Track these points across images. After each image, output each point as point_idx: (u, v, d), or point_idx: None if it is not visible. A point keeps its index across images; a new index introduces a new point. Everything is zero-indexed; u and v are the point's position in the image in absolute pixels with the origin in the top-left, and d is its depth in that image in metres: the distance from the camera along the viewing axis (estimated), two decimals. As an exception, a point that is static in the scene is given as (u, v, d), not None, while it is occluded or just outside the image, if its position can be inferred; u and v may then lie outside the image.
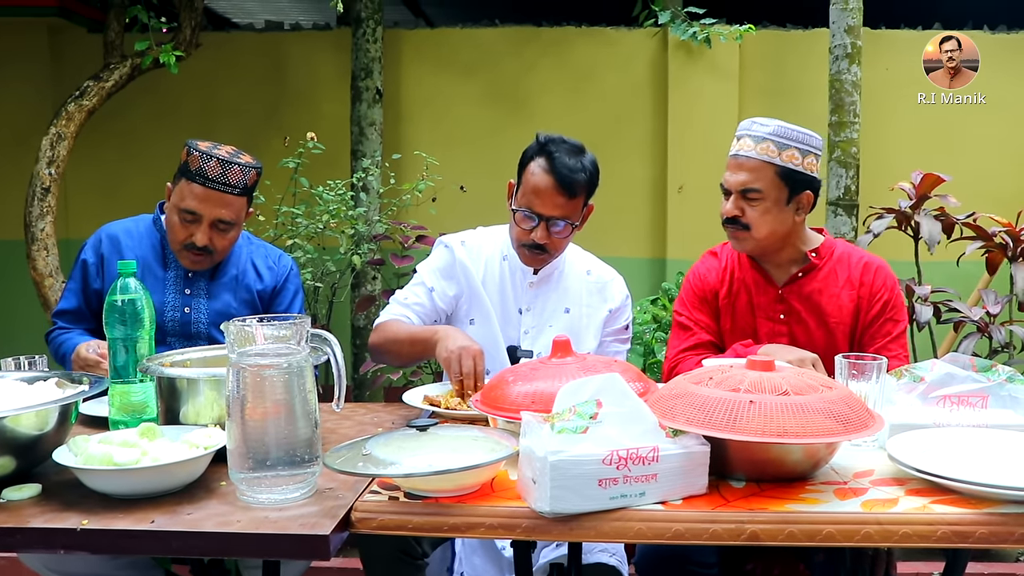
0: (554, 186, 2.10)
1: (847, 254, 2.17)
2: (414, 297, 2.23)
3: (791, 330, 2.13)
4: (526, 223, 2.14)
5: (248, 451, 1.33)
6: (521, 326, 2.25)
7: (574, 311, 2.26)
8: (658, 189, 4.60)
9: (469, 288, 2.24)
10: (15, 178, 4.21)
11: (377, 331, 2.19)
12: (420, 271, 2.29)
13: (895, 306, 2.12)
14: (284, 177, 3.73)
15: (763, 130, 2.05)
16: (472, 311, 2.24)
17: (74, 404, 1.50)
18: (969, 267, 3.45)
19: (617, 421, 1.30)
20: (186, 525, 1.27)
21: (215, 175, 2.14)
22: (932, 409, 1.57)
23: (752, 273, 2.18)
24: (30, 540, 1.29)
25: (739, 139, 2.10)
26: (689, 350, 2.17)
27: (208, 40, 4.24)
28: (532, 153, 2.16)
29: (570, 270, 2.29)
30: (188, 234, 2.19)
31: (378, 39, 4.28)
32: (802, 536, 1.26)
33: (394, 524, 1.31)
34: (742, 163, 2.07)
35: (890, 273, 2.15)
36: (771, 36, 4.56)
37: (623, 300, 2.31)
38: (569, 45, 4.61)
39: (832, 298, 2.11)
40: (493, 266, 2.27)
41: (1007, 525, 1.26)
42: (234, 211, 2.20)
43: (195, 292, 2.28)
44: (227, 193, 2.17)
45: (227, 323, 1.36)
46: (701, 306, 2.20)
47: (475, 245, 2.29)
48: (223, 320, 2.19)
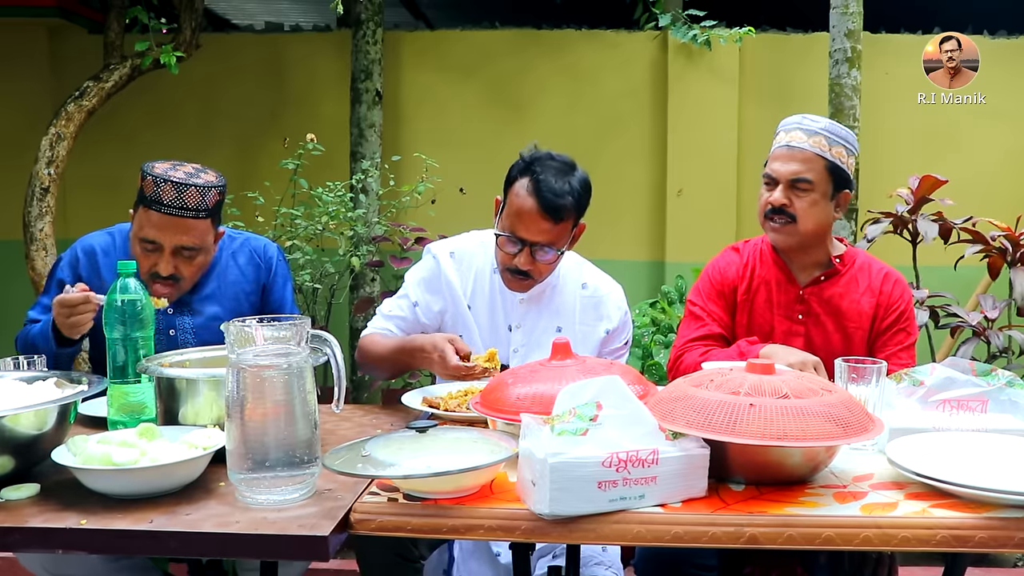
0: (538, 211, 1.99)
1: (868, 263, 2.19)
2: (397, 311, 2.18)
3: (808, 331, 2.14)
4: (509, 247, 2.05)
5: (247, 452, 1.33)
6: (511, 344, 2.17)
7: (567, 330, 2.15)
8: (657, 192, 4.60)
9: (453, 304, 2.16)
10: (14, 178, 4.20)
11: (360, 347, 2.16)
12: (407, 281, 2.22)
13: (909, 318, 2.15)
14: (283, 178, 3.73)
15: (815, 125, 2.09)
16: (459, 327, 2.16)
17: (73, 404, 1.50)
18: (967, 272, 3.45)
19: (617, 423, 1.30)
20: (185, 525, 1.27)
21: (170, 200, 2.01)
22: (932, 413, 1.57)
23: (775, 271, 2.18)
24: (29, 539, 1.29)
25: (788, 132, 2.11)
26: (698, 340, 2.16)
27: (208, 41, 4.25)
28: (517, 172, 2.05)
29: (564, 285, 2.19)
30: (151, 264, 2.07)
31: (378, 41, 4.28)
32: (801, 539, 1.26)
33: (393, 525, 1.30)
34: (795, 154, 2.08)
35: (907, 287, 2.19)
36: (771, 40, 4.57)
37: (622, 318, 2.20)
38: (569, 47, 4.61)
39: (852, 303, 2.14)
40: (483, 279, 2.18)
41: (1007, 529, 1.26)
42: (196, 236, 2.07)
43: (178, 311, 2.17)
44: (186, 218, 2.03)
45: (227, 324, 1.36)
46: (717, 299, 2.20)
47: (466, 255, 2.19)
48: (211, 336, 2.10)
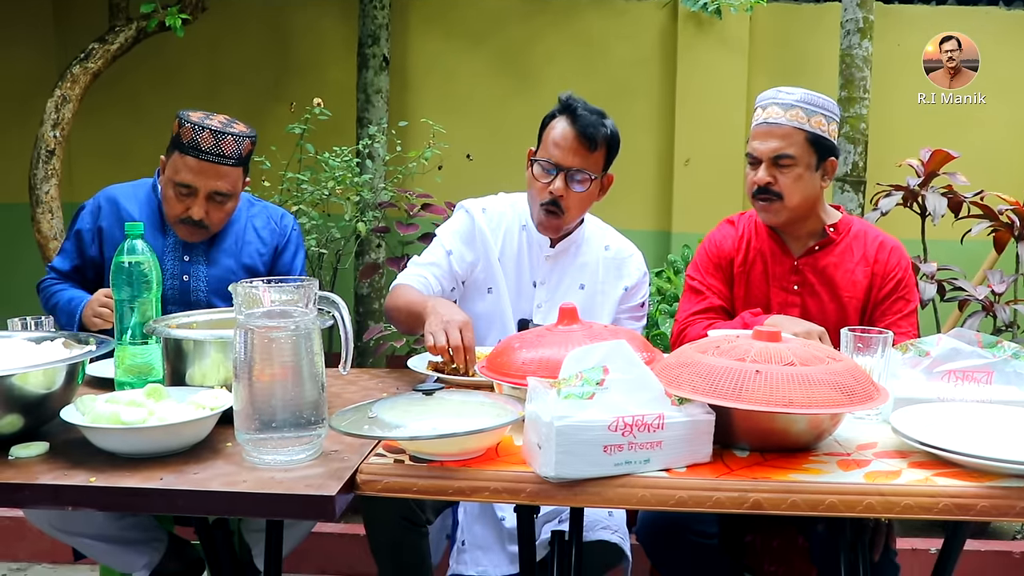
0: (575, 136, 2.10)
1: (863, 231, 2.19)
2: (431, 257, 2.21)
3: (803, 302, 2.15)
4: (544, 175, 2.13)
5: (255, 413, 1.34)
6: (535, 299, 2.23)
7: (589, 287, 2.24)
8: (665, 162, 4.57)
9: (486, 258, 2.22)
10: (20, 141, 4.19)
11: (390, 294, 2.16)
12: (440, 233, 2.27)
13: (907, 285, 2.14)
14: (290, 143, 3.71)
15: (790, 98, 2.07)
16: (489, 280, 2.23)
17: (81, 364, 1.51)
18: (974, 246, 3.44)
19: (623, 388, 1.30)
20: (193, 484, 1.28)
21: (208, 147, 2.11)
22: (937, 384, 1.58)
23: (769, 243, 2.18)
24: (39, 496, 1.30)
25: (764, 108, 2.10)
26: (699, 313, 2.18)
27: (214, 4, 4.20)
28: (555, 111, 2.16)
29: (588, 245, 2.27)
30: (184, 208, 2.17)
31: (385, 6, 4.23)
32: (805, 506, 1.27)
33: (399, 487, 1.32)
34: (772, 130, 2.07)
35: (904, 254, 2.18)
36: (782, 9, 4.51)
37: (640, 277, 2.29)
38: (578, 15, 4.56)
39: (847, 273, 2.13)
40: (512, 236, 2.25)
41: (1008, 499, 1.27)
42: (230, 182, 2.17)
43: (194, 259, 2.26)
44: (222, 164, 2.13)
45: (235, 285, 1.36)
46: (715, 272, 2.21)
47: (496, 213, 2.26)
48: (223, 287, 2.21)
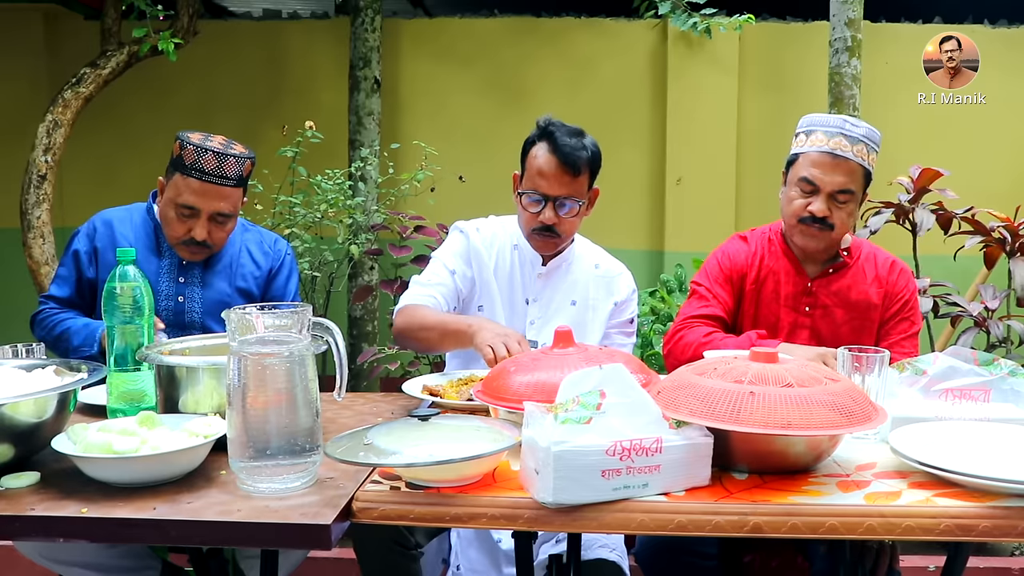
0: (558, 165, 2.12)
1: (873, 253, 2.20)
2: (436, 278, 2.22)
3: (814, 323, 2.14)
4: (533, 206, 2.16)
5: (249, 440, 1.32)
6: (527, 316, 2.26)
7: (580, 304, 2.27)
8: (656, 181, 4.59)
9: (480, 275, 2.25)
10: (11, 166, 4.19)
11: (403, 315, 2.14)
12: (438, 256, 2.29)
13: (913, 308, 2.16)
14: (282, 166, 3.71)
15: (856, 131, 2.03)
16: (481, 298, 2.25)
17: (73, 392, 1.49)
18: (966, 262, 3.45)
19: (621, 412, 1.29)
20: (186, 514, 1.27)
21: (211, 168, 2.12)
22: (934, 402, 1.57)
23: (784, 263, 2.17)
24: (30, 528, 1.28)
25: (830, 136, 2.03)
26: (700, 318, 2.14)
27: (206, 28, 4.22)
28: (533, 138, 2.18)
29: (578, 263, 2.30)
30: (186, 229, 2.17)
31: (376, 28, 4.25)
32: (805, 528, 1.26)
33: (396, 514, 1.30)
34: (839, 164, 2.02)
35: (912, 277, 2.19)
36: (771, 28, 4.55)
37: (629, 294, 2.32)
38: (568, 36, 4.59)
39: (862, 294, 2.14)
40: (504, 255, 2.28)
41: (1010, 519, 1.26)
42: (232, 203, 2.19)
43: (189, 281, 2.26)
44: (224, 186, 2.15)
45: (228, 311, 1.35)
46: (725, 284, 2.19)
47: (489, 233, 2.30)
48: (217, 309, 2.22)
